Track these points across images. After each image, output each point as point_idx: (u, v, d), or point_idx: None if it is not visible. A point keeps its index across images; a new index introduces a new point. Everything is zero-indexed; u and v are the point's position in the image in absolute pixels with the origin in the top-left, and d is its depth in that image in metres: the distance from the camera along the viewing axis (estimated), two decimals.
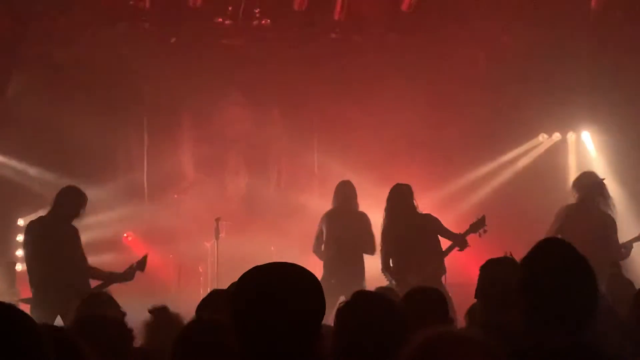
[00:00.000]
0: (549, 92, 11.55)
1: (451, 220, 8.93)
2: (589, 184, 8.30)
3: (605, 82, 11.28)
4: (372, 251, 8.50)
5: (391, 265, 8.10)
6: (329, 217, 8.77)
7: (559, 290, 2.75)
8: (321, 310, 2.47)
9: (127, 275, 7.36)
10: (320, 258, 8.68)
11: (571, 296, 2.75)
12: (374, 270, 8.40)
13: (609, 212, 8.23)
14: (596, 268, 2.85)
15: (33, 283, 7.31)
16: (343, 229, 8.55)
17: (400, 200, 8.15)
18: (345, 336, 3.15)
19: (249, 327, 2.43)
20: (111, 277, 7.36)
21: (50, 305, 6.93)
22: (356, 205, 8.78)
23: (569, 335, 2.69)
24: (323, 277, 8.02)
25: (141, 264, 7.47)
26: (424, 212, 8.23)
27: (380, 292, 3.84)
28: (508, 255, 8.23)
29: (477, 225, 8.14)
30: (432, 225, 8.12)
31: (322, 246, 8.72)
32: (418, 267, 7.76)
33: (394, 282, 7.89)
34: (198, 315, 3.72)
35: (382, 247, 8.23)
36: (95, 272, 7.48)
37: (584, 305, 2.77)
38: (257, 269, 2.52)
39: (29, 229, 7.49)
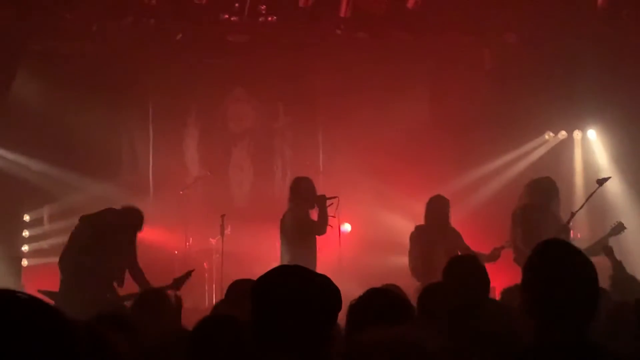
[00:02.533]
0: (555, 90, 11.54)
1: (456, 219, 8.95)
2: (549, 189, 8.31)
3: (611, 81, 11.26)
4: None
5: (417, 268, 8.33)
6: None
7: (560, 290, 2.80)
8: (337, 311, 2.58)
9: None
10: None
11: (572, 295, 2.80)
12: (378, 269, 8.39)
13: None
14: None
15: (72, 275, 7.22)
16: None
17: (438, 210, 8.55)
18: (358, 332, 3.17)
19: (270, 325, 2.49)
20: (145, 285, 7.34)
21: (81, 302, 6.80)
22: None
23: (573, 333, 2.75)
24: None
25: (179, 282, 7.45)
26: (452, 227, 8.65)
27: (391, 289, 3.85)
28: (503, 247, 8.37)
29: (493, 256, 8.35)
30: (457, 238, 8.57)
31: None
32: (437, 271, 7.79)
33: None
34: (216, 309, 3.76)
35: (411, 250, 8.47)
36: (140, 278, 7.47)
37: (585, 303, 2.82)
38: (280, 269, 2.64)
39: (83, 223, 7.45)
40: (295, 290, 2.51)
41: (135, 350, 3.12)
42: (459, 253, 8.41)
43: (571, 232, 8.23)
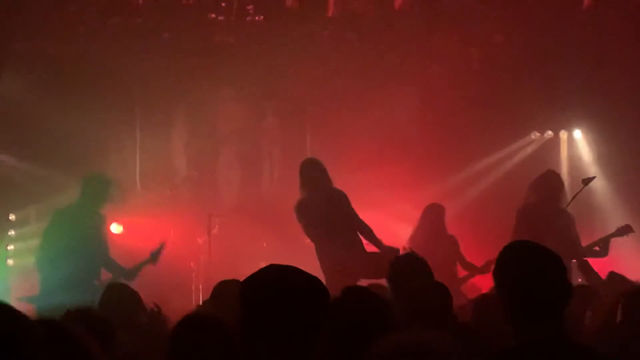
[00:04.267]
0: (541, 90, 11.58)
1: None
2: (554, 184, 8.35)
3: (597, 81, 11.32)
4: None
5: None
6: None
7: (529, 286, 2.88)
8: (325, 312, 2.58)
9: (133, 273, 7.28)
10: None
11: (542, 289, 2.88)
12: None
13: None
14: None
15: (46, 273, 7.18)
16: None
17: (432, 216, 8.96)
18: (336, 333, 3.18)
19: (258, 326, 2.49)
20: (120, 272, 7.31)
21: (59, 297, 6.76)
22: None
23: (547, 327, 2.82)
24: None
25: (154, 256, 7.42)
26: (449, 234, 9.07)
27: (372, 290, 3.87)
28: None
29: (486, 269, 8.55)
30: (453, 245, 8.98)
31: None
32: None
33: None
34: (198, 309, 3.76)
35: None
36: (111, 265, 7.43)
37: (556, 297, 2.90)
38: (270, 269, 2.60)
39: (55, 218, 7.40)
40: (283, 290, 2.51)
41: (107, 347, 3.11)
42: (457, 263, 8.73)
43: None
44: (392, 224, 9.45)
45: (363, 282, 6.58)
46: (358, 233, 7.89)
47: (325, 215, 7.78)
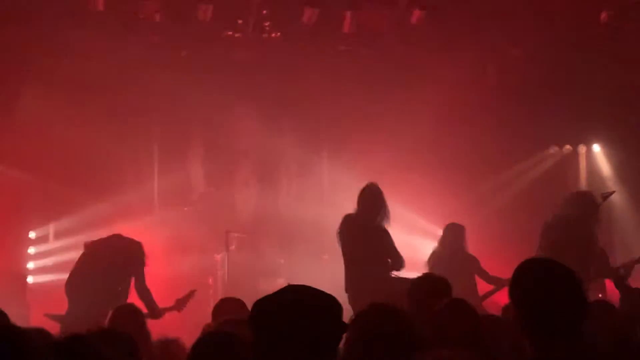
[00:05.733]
0: (560, 104, 11.54)
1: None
2: (584, 202, 8.26)
3: (615, 95, 11.26)
4: None
5: None
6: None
7: (545, 302, 2.89)
8: (340, 331, 2.57)
9: (158, 314, 7.30)
10: None
11: (560, 306, 2.87)
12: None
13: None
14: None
15: (76, 297, 7.24)
16: None
17: (453, 236, 9.04)
18: (359, 347, 3.17)
19: (271, 345, 2.49)
20: (152, 307, 7.35)
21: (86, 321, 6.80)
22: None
23: (566, 343, 2.81)
24: None
25: (182, 302, 7.45)
26: (469, 253, 9.12)
27: (393, 305, 3.84)
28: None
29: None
30: (473, 264, 9.00)
31: None
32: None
33: None
34: (215, 326, 3.76)
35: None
36: (148, 298, 7.47)
37: (573, 312, 2.89)
38: (283, 291, 2.60)
39: (89, 247, 7.50)
40: (297, 311, 2.50)
41: None
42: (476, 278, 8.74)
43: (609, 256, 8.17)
44: (414, 241, 9.43)
45: None
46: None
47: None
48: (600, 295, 7.42)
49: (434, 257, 8.90)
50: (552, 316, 2.83)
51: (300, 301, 2.53)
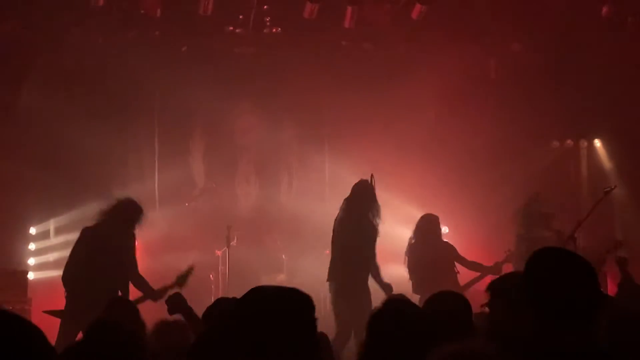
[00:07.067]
0: (561, 99, 11.53)
1: (459, 229, 9.00)
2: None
3: (617, 90, 11.24)
4: None
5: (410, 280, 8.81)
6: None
7: (562, 293, 2.83)
8: (313, 318, 2.62)
9: (159, 294, 7.25)
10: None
11: (575, 297, 2.83)
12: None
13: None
14: None
15: (73, 289, 7.19)
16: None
17: (428, 226, 8.99)
18: (379, 343, 3.16)
19: (249, 343, 2.55)
20: (149, 292, 7.31)
21: (85, 314, 6.74)
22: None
23: (579, 335, 2.78)
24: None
25: (182, 279, 7.41)
26: (445, 240, 9.22)
27: (409, 301, 3.82)
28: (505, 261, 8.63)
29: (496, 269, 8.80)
30: (451, 252, 9.00)
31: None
32: (434, 284, 7.85)
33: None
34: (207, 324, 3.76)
35: (408, 264, 8.87)
36: (142, 283, 7.42)
37: (588, 304, 2.84)
38: (254, 291, 2.68)
39: (85, 235, 7.41)
40: (269, 309, 2.56)
41: None
42: (456, 265, 8.75)
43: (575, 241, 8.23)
44: (409, 232, 9.42)
45: None
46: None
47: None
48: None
49: (412, 248, 8.93)
50: (568, 306, 2.80)
51: (271, 298, 2.61)
